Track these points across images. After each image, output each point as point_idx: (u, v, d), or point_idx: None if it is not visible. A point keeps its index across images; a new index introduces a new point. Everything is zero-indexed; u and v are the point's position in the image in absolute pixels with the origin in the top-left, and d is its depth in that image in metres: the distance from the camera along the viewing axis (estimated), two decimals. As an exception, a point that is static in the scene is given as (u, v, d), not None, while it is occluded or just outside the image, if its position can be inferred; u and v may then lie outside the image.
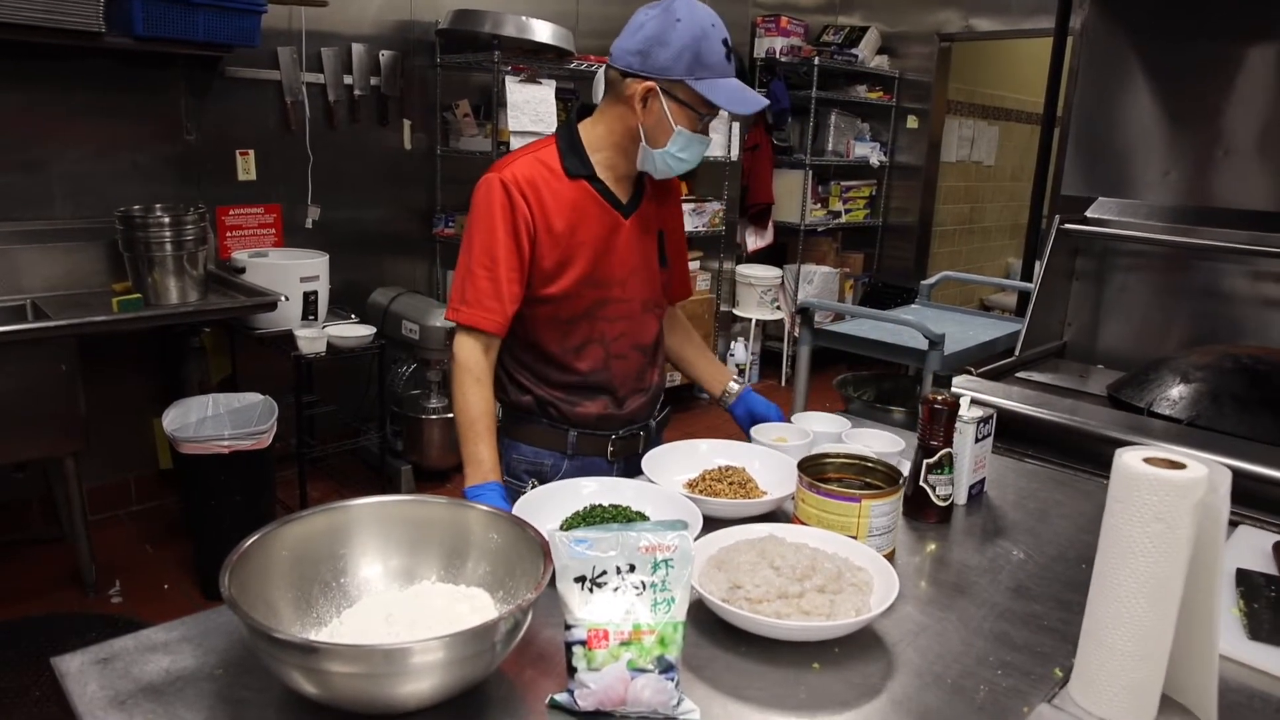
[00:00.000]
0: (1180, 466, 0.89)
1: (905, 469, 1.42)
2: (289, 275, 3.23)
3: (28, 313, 2.92)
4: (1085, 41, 2.52)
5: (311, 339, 3.19)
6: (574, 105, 2.00)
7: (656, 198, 1.72)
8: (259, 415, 3.01)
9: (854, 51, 5.63)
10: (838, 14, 6.03)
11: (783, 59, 5.37)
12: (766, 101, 1.57)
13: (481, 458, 1.52)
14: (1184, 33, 2.32)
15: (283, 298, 3.04)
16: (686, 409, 5.10)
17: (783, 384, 5.67)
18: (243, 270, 3.22)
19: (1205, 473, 0.88)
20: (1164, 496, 0.87)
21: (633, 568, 0.95)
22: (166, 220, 2.89)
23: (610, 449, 1.69)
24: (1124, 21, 2.43)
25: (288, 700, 0.93)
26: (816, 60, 5.34)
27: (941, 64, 5.87)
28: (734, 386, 1.83)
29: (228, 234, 3.47)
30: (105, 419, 3.14)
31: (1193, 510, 0.87)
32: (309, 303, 3.31)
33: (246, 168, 3.49)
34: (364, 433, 3.88)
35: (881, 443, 1.62)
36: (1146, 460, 0.90)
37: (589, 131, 1.61)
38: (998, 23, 5.56)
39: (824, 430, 1.69)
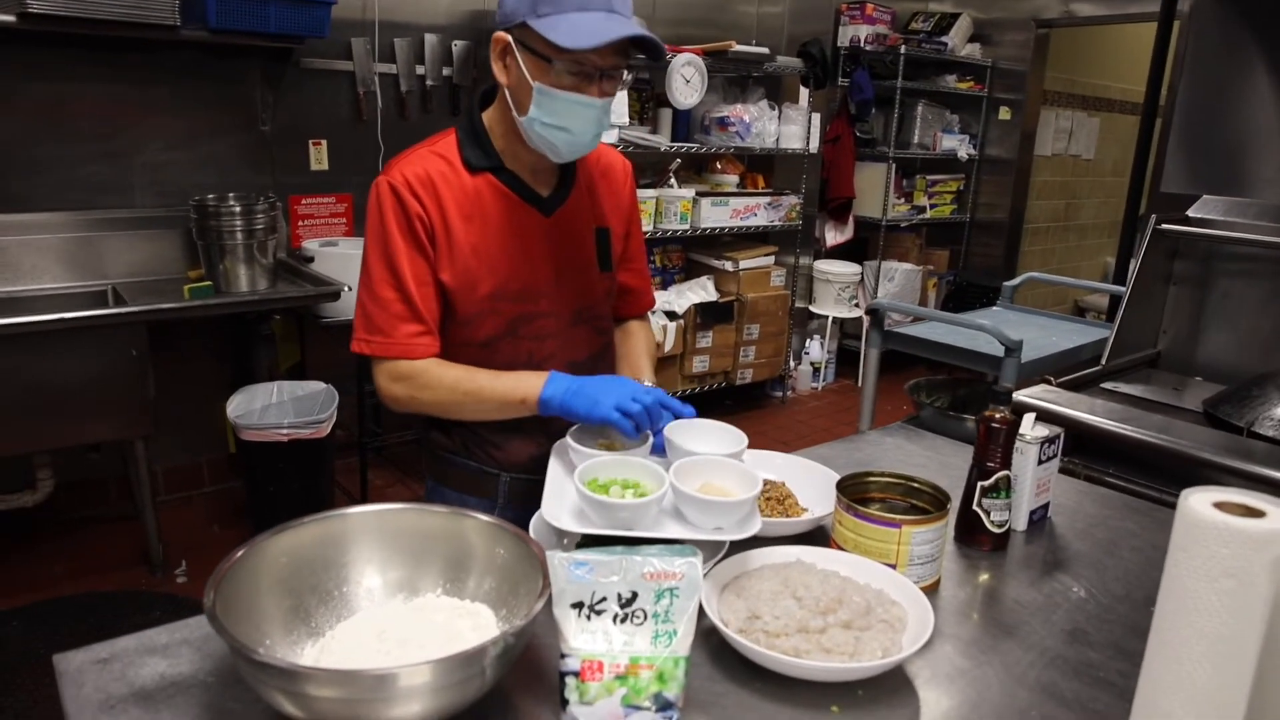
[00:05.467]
0: (1259, 514, 0.77)
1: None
2: (357, 265, 3.23)
3: (109, 298, 3.02)
4: (1193, 25, 2.33)
5: (376, 328, 3.21)
6: (480, 87, 1.58)
7: (593, 188, 1.45)
8: (320, 404, 3.05)
9: (944, 39, 5.41)
10: (927, 0, 5.79)
11: (867, 48, 5.18)
12: (626, 33, 1.18)
13: (517, 379, 1.31)
14: (1304, 15, 2.12)
15: (346, 287, 3.06)
16: (759, 406, 4.99)
17: (859, 384, 5.49)
18: (311, 259, 3.26)
19: (1288, 523, 0.76)
20: (1237, 549, 0.75)
21: (635, 596, 0.89)
22: (238, 209, 2.95)
23: None
24: (1236, 3, 2.23)
25: (274, 714, 0.89)
26: (903, 49, 5.13)
27: (1038, 52, 5.58)
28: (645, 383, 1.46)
29: (300, 223, 3.52)
30: (180, 402, 3.23)
31: (1271, 566, 0.75)
32: (375, 292, 3.33)
33: (319, 158, 3.54)
34: (429, 422, 3.90)
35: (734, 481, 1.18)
36: (1217, 505, 0.78)
37: (490, 116, 1.36)
38: (1100, 7, 5.24)
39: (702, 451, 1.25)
